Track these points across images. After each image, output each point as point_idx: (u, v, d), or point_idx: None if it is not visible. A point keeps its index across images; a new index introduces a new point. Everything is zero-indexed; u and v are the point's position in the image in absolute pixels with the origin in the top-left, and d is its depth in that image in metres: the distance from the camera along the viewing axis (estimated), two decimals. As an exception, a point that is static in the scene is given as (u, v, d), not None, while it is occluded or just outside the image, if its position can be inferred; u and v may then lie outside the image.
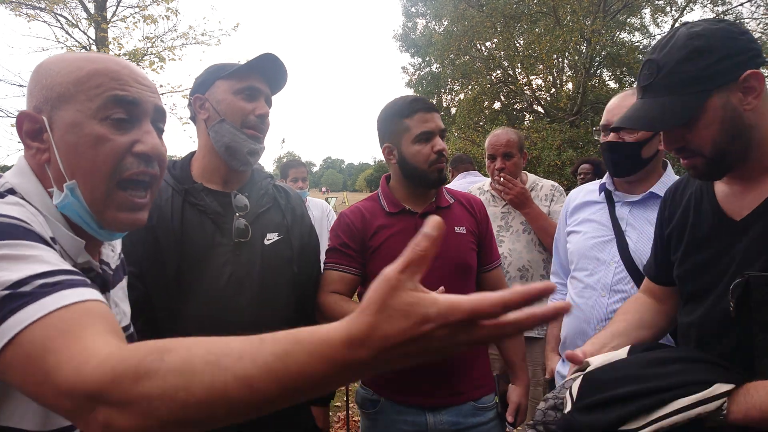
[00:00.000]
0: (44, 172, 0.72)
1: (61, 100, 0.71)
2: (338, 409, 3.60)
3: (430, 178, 1.51)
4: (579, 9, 14.24)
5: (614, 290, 1.55)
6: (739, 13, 15.00)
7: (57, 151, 0.71)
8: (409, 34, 23.40)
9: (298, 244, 1.40)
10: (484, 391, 1.54)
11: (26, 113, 0.72)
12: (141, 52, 10.15)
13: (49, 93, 0.71)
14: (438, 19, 19.98)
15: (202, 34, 10.78)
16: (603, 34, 14.00)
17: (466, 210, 1.62)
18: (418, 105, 1.51)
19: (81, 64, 0.72)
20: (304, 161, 5.84)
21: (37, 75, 0.73)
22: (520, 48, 16.12)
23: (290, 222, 1.40)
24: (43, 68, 0.73)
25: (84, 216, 0.72)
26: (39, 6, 9.39)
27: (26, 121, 0.72)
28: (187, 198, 1.28)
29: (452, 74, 17.62)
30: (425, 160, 1.49)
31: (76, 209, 0.71)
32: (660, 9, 16.55)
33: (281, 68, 1.34)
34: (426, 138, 1.49)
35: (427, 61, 21.15)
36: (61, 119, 0.71)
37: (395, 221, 1.53)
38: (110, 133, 0.71)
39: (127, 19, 10.25)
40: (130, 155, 0.73)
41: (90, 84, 0.71)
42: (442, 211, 1.55)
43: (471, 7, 16.16)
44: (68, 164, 0.71)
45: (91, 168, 0.70)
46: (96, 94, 0.71)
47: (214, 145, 1.31)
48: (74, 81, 0.71)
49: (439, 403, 1.48)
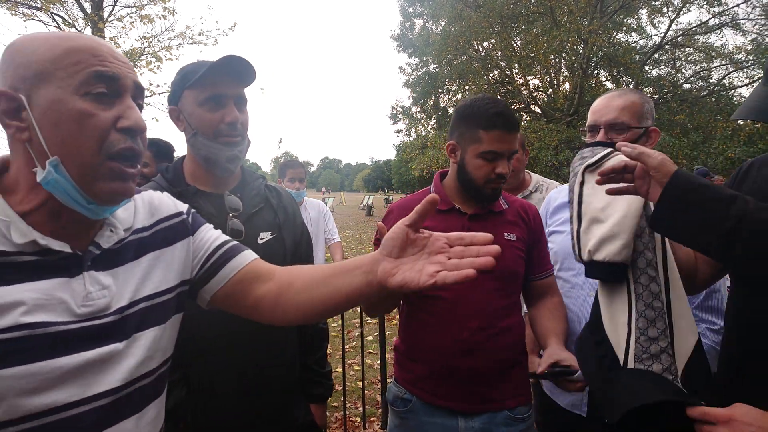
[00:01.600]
0: (29, 156, 0.72)
1: (39, 78, 0.70)
2: (335, 409, 3.60)
3: (482, 194, 1.48)
4: (576, 9, 14.29)
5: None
6: (735, 15, 15.07)
7: (39, 129, 0.70)
8: (407, 34, 23.42)
9: (291, 243, 1.41)
10: (519, 401, 1.48)
11: (2, 92, 0.71)
12: (138, 52, 10.13)
13: (26, 71, 0.70)
14: (435, 19, 20.01)
15: (199, 34, 10.79)
16: (600, 34, 14.04)
17: (520, 217, 1.56)
18: (500, 122, 1.41)
19: (57, 42, 0.72)
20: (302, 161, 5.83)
21: (10, 54, 0.72)
22: (517, 48, 16.16)
23: (282, 221, 1.42)
24: (15, 47, 0.72)
25: (70, 191, 0.72)
26: (35, 5, 9.36)
27: (3, 100, 0.71)
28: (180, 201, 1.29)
29: (449, 74, 17.64)
30: (484, 177, 1.45)
31: (61, 185, 0.71)
32: (657, 10, 16.60)
33: (244, 64, 1.28)
34: (492, 157, 1.43)
35: (425, 61, 21.14)
36: (41, 97, 0.70)
37: (443, 220, 1.49)
38: (93, 108, 0.71)
39: (124, 19, 10.25)
40: (114, 131, 0.73)
41: (69, 60, 0.71)
42: (493, 216, 1.52)
43: (468, 8, 16.19)
44: (51, 141, 0.70)
45: (76, 143, 0.70)
46: (76, 70, 0.71)
47: (194, 157, 1.32)
48: (52, 58, 0.70)
49: (472, 409, 1.44)
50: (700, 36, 16.20)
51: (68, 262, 0.74)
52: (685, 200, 0.95)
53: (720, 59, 15.82)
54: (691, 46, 16.29)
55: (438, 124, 20.66)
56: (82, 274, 0.75)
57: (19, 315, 0.67)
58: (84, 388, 0.72)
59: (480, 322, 1.42)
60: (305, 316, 0.89)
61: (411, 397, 1.50)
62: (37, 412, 0.67)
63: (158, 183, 1.33)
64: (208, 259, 0.93)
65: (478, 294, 1.43)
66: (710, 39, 16.33)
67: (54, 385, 0.69)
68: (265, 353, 1.32)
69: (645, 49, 16.28)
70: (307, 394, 1.50)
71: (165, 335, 0.85)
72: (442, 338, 1.44)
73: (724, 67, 15.73)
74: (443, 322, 1.45)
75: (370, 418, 3.42)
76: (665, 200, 0.98)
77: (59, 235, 0.74)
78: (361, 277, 0.81)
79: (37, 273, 0.70)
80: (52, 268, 0.72)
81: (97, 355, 0.73)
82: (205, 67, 1.25)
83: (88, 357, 0.72)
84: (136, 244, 0.85)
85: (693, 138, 12.98)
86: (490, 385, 1.44)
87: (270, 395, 1.34)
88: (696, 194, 0.94)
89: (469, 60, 16.86)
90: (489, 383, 1.44)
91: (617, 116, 1.50)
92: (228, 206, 1.32)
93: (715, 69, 15.99)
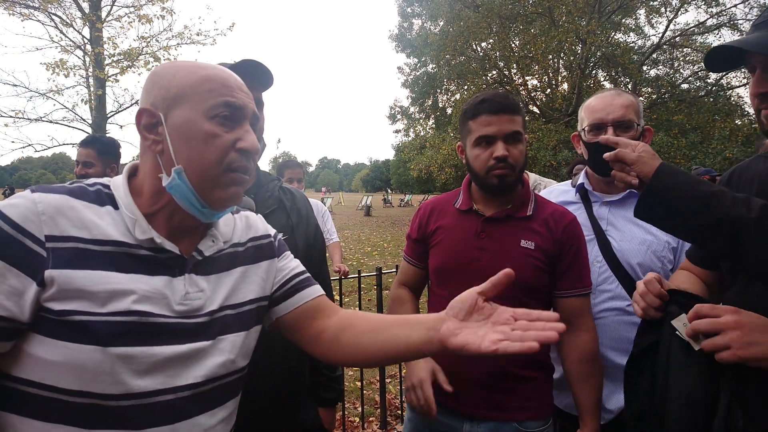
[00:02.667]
0: (156, 164, 0.85)
1: (176, 100, 0.83)
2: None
3: (488, 184, 1.42)
4: (574, 10, 14.31)
5: (600, 290, 1.55)
6: (733, 15, 15.11)
7: (170, 142, 0.83)
8: (405, 34, 23.45)
9: (303, 244, 1.41)
10: (531, 415, 1.40)
11: (145, 109, 0.84)
12: (136, 52, 10.10)
13: (166, 93, 0.84)
14: (434, 19, 20.01)
15: (198, 34, 10.74)
16: (598, 34, 14.07)
17: (546, 225, 1.43)
18: (484, 107, 1.40)
19: (194, 69, 0.86)
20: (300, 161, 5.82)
21: (156, 77, 0.86)
22: (515, 48, 16.18)
23: (295, 222, 1.42)
24: (158, 72, 0.87)
25: (188, 195, 0.84)
26: (33, 5, 9.31)
27: (145, 116, 0.84)
28: None
29: (448, 74, 17.65)
30: (483, 165, 1.41)
31: (182, 190, 0.83)
32: (655, 10, 16.65)
33: (261, 68, 1.30)
34: (487, 142, 1.40)
35: (423, 62, 21.17)
36: (176, 116, 0.83)
37: (461, 220, 1.48)
38: (219, 130, 0.84)
39: (122, 19, 10.19)
40: (233, 151, 0.84)
41: (204, 88, 0.84)
42: (512, 220, 1.44)
43: (467, 8, 16.20)
44: (179, 153, 0.83)
45: (200, 157, 0.83)
46: (209, 97, 0.84)
47: None
48: (190, 84, 0.84)
49: (479, 414, 1.40)
50: (698, 36, 16.25)
51: (175, 262, 0.85)
52: (666, 198, 1.02)
53: (718, 59, 15.84)
54: (689, 47, 16.33)
55: (436, 124, 20.69)
56: (184, 275, 0.85)
57: (131, 302, 0.77)
58: (171, 378, 0.80)
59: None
60: (361, 359, 0.94)
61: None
62: (132, 393, 0.76)
63: None
64: (285, 283, 1.02)
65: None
66: (708, 39, 16.37)
67: (148, 370, 0.77)
68: (270, 356, 1.30)
69: (643, 50, 16.32)
70: (317, 398, 1.49)
71: (245, 342, 0.92)
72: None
73: (722, 67, 15.75)
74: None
75: (368, 418, 3.41)
76: (647, 197, 1.05)
77: (172, 238, 0.85)
78: (423, 333, 0.84)
79: (150, 268, 0.81)
80: (161, 266, 0.82)
81: (187, 350, 0.82)
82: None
83: (180, 350, 0.81)
84: (232, 256, 0.95)
85: (691, 138, 13.02)
86: (500, 393, 1.40)
87: (276, 398, 1.33)
88: (676, 192, 1.01)
89: (468, 60, 16.88)
90: (498, 391, 1.40)
91: (624, 114, 1.52)
92: (241, 207, 1.33)
93: (712, 69, 16.01)
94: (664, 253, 1.52)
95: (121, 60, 10.05)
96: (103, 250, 0.78)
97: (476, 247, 1.42)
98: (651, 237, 1.53)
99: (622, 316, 1.51)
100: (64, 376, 0.73)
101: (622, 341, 1.50)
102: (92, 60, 9.64)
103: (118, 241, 0.79)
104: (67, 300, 0.73)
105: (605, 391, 1.49)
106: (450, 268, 1.45)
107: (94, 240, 0.77)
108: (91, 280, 0.75)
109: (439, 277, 1.50)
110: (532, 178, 2.49)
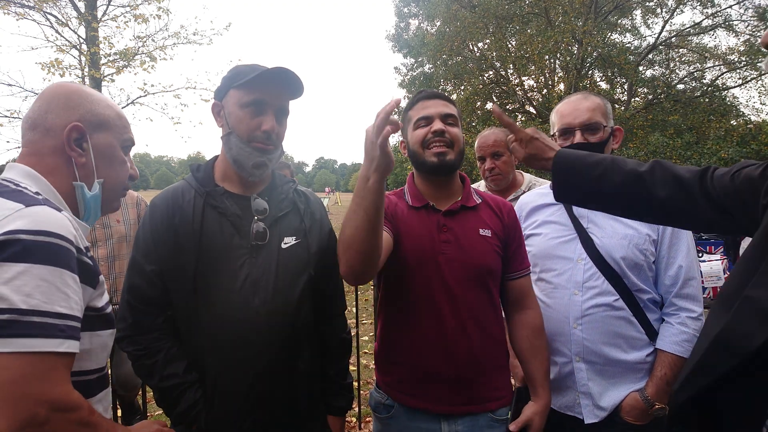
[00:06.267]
0: (68, 171, 1.02)
1: (101, 126, 1.06)
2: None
3: (427, 162, 1.44)
4: (570, 10, 14.35)
5: (587, 287, 1.55)
6: (728, 16, 15.18)
7: (93, 159, 1.03)
8: (402, 34, 23.44)
9: (316, 248, 1.40)
10: (502, 403, 1.47)
11: (78, 125, 1.01)
12: (132, 52, 10.07)
13: (91, 117, 1.04)
14: (430, 19, 20.03)
15: (194, 34, 10.73)
16: (594, 35, 14.11)
17: (494, 213, 1.53)
18: (420, 95, 1.53)
19: (110, 104, 1.10)
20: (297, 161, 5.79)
21: (77, 98, 1.03)
22: (512, 49, 16.21)
23: (308, 226, 1.41)
24: (81, 94, 1.05)
25: (98, 203, 1.06)
26: (28, 4, 9.27)
27: (75, 131, 1.01)
28: (208, 200, 1.32)
29: (445, 75, 17.67)
30: (420, 140, 1.45)
31: (97, 199, 1.05)
32: (650, 10, 16.71)
33: (294, 78, 1.31)
34: (425, 121, 1.46)
35: (420, 62, 21.19)
36: (101, 138, 1.06)
37: (418, 218, 1.48)
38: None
39: (118, 18, 10.16)
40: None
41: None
42: (467, 211, 1.50)
43: (463, 8, 16.21)
44: (99, 170, 1.06)
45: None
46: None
47: (225, 156, 1.35)
48: (112, 116, 1.09)
49: (454, 411, 1.42)
50: (694, 37, 16.31)
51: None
52: (575, 168, 1.18)
53: (713, 60, 15.94)
54: (684, 47, 16.40)
55: (433, 124, 20.61)
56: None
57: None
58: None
59: (457, 318, 1.40)
60: None
61: (393, 403, 1.47)
62: (102, 366, 1.02)
63: (188, 182, 1.37)
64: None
65: (452, 290, 1.41)
66: (704, 40, 16.45)
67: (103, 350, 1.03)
68: (280, 361, 1.31)
69: (639, 50, 16.35)
70: (327, 406, 1.47)
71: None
72: (420, 336, 1.42)
73: (718, 67, 15.85)
74: (420, 318, 1.42)
75: (366, 418, 3.42)
76: (557, 175, 1.20)
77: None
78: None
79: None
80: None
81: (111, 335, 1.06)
82: (257, 71, 1.27)
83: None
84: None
85: (686, 138, 13.08)
86: (474, 386, 1.42)
87: (284, 405, 1.33)
88: (579, 162, 1.17)
89: (464, 60, 16.90)
90: (472, 385, 1.42)
91: (591, 117, 1.57)
92: (254, 209, 1.34)
93: (708, 70, 16.11)
94: (645, 246, 1.53)
95: (117, 60, 10.03)
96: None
97: (442, 240, 1.44)
98: (632, 231, 1.55)
99: (611, 312, 1.51)
100: (92, 360, 0.96)
101: (613, 336, 1.51)
102: (88, 60, 9.61)
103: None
104: (100, 297, 0.98)
105: (598, 389, 1.52)
106: (414, 264, 1.43)
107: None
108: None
109: (400, 273, 1.45)
110: (527, 178, 2.49)
